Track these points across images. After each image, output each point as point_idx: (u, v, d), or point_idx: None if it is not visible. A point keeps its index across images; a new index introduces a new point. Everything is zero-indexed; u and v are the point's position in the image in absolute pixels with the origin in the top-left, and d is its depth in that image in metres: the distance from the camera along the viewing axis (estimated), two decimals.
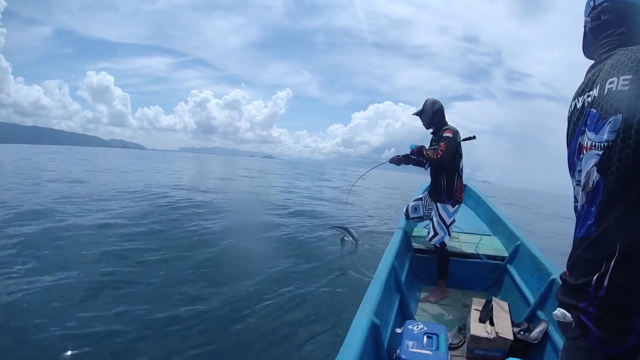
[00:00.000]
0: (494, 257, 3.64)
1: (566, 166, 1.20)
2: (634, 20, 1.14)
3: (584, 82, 1.17)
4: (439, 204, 3.42)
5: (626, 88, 0.97)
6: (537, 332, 2.35)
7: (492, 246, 3.91)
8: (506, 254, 3.62)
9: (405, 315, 2.75)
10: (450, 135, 3.24)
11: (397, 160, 3.59)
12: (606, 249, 0.98)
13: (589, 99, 1.10)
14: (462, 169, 3.41)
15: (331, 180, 28.94)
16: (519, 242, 3.51)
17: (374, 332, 1.94)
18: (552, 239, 10.05)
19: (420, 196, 3.85)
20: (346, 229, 6.71)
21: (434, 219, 3.40)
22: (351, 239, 6.51)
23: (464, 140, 3.45)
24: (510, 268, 3.39)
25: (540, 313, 2.58)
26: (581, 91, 1.16)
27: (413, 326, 2.21)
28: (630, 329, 0.94)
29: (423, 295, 3.34)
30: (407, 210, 3.90)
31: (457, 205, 3.41)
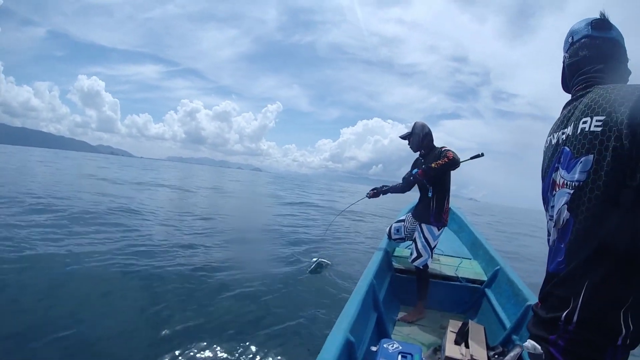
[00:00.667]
0: (473, 281, 3.66)
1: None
2: (612, 57, 1.15)
3: (559, 118, 1.19)
4: (424, 225, 3.40)
5: (599, 130, 0.97)
6: (511, 356, 2.32)
7: (471, 269, 3.93)
8: (485, 278, 3.64)
9: (381, 333, 2.73)
10: (451, 150, 3.31)
11: (375, 194, 3.76)
12: (574, 287, 1.00)
13: (563, 136, 1.12)
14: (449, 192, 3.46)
15: (317, 195, 28.86)
16: (498, 267, 3.54)
17: (349, 349, 1.92)
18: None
19: (403, 217, 3.85)
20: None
21: (418, 241, 3.38)
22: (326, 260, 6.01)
23: (472, 158, 3.52)
24: (489, 292, 3.41)
25: (515, 337, 2.59)
26: (557, 127, 1.18)
27: (388, 345, 2.19)
28: None
29: (400, 315, 3.33)
30: (389, 230, 3.90)
31: (442, 229, 3.43)
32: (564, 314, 1.00)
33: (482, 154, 3.56)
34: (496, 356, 2.39)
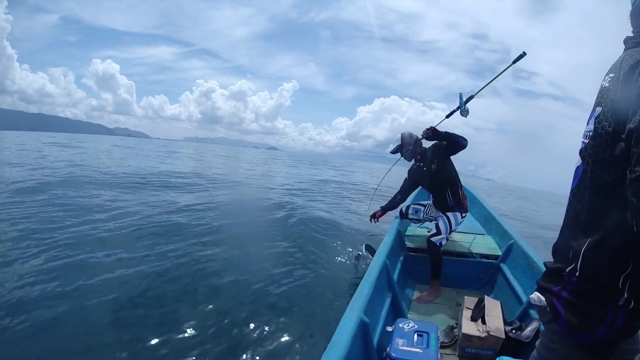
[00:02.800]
0: (487, 256, 3.63)
1: (569, 166, 1.19)
2: None
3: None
4: (449, 213, 3.52)
5: (607, 85, 0.99)
6: (529, 330, 2.33)
7: (485, 245, 3.89)
8: (499, 253, 3.61)
9: (397, 313, 2.73)
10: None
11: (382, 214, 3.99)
12: (577, 240, 0.99)
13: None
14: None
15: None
16: (512, 241, 3.50)
17: (363, 330, 1.92)
18: None
19: (425, 203, 3.91)
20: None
21: (441, 221, 3.46)
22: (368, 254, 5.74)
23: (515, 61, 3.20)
24: (504, 267, 3.38)
25: (532, 312, 2.56)
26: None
27: (404, 324, 2.18)
28: (600, 320, 0.94)
29: (416, 294, 3.32)
30: (405, 210, 3.94)
31: (465, 214, 3.58)
32: (569, 267, 1.00)
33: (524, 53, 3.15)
34: (513, 331, 2.38)
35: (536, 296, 1.10)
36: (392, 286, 2.82)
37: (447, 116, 3.41)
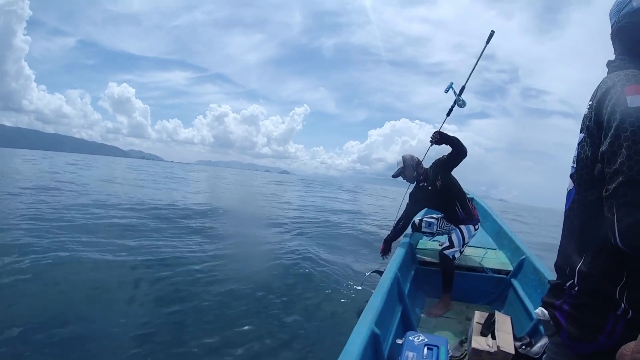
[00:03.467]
0: (498, 271, 3.63)
1: None
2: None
3: None
4: (462, 226, 3.53)
5: (586, 112, 1.08)
6: (538, 346, 2.33)
7: (497, 260, 3.89)
8: (511, 268, 3.61)
9: (407, 326, 2.75)
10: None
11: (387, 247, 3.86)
12: (573, 258, 1.07)
13: None
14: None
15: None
16: (524, 257, 3.50)
17: (374, 341, 1.96)
18: None
19: (437, 216, 3.92)
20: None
21: (454, 234, 3.49)
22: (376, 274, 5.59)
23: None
24: (515, 282, 3.38)
25: (542, 328, 2.57)
26: None
27: (414, 337, 2.21)
28: (600, 329, 0.98)
29: (426, 307, 3.34)
30: (418, 223, 3.96)
31: (478, 226, 3.62)
32: (568, 282, 1.07)
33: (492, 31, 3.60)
34: (523, 347, 2.38)
35: (540, 311, 1.16)
36: (403, 299, 2.85)
37: (448, 114, 3.49)
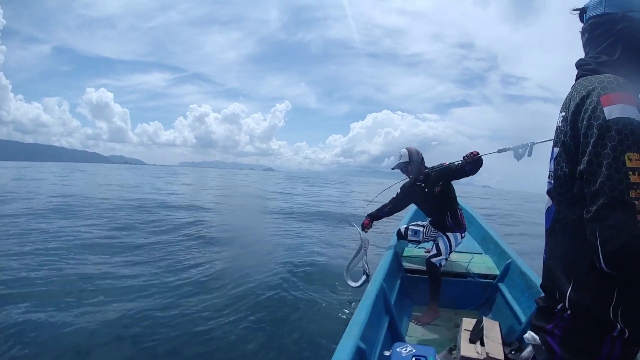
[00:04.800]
0: (485, 276, 3.61)
1: None
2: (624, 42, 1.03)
3: None
4: (449, 233, 3.47)
5: (560, 124, 1.02)
6: (528, 351, 2.28)
7: (483, 264, 3.88)
8: (497, 272, 3.59)
9: (395, 337, 2.69)
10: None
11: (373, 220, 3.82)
12: (561, 279, 1.00)
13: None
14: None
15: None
16: (510, 260, 3.49)
17: (360, 357, 1.90)
18: None
19: (423, 223, 3.85)
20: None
21: (441, 242, 3.42)
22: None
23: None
24: (502, 286, 3.36)
25: (531, 332, 2.54)
26: None
27: (401, 349, 2.15)
28: (597, 353, 0.93)
29: (414, 315, 3.29)
30: (403, 231, 3.89)
31: (464, 234, 3.58)
32: (559, 305, 1.00)
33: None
34: (513, 352, 2.33)
35: (530, 335, 1.11)
36: (390, 309, 2.80)
37: (500, 151, 3.17)
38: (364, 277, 3.66)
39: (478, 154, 3.09)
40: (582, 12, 1.14)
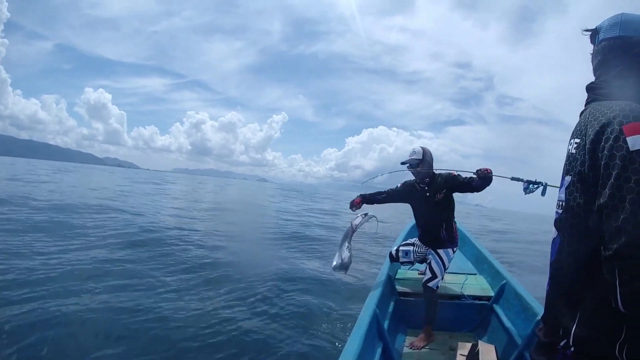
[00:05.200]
0: (479, 297, 3.55)
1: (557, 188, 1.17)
2: (621, 61, 1.01)
3: None
4: (439, 249, 3.32)
5: (574, 152, 0.97)
6: None
7: (477, 286, 3.82)
8: (492, 294, 3.54)
9: None
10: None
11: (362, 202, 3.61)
12: (565, 315, 0.96)
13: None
14: None
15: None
16: (505, 281, 3.45)
17: None
18: None
19: (412, 241, 3.69)
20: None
21: (433, 262, 3.27)
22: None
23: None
24: (497, 308, 3.31)
25: (527, 354, 2.48)
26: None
27: None
28: None
29: (408, 340, 3.21)
30: (394, 253, 3.73)
31: (456, 248, 3.42)
32: (562, 342, 0.95)
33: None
34: None
35: None
36: (383, 335, 2.73)
37: (513, 179, 3.10)
38: (339, 261, 3.42)
39: (491, 172, 3.02)
40: (594, 33, 1.09)
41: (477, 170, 3.05)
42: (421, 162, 3.31)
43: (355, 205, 3.59)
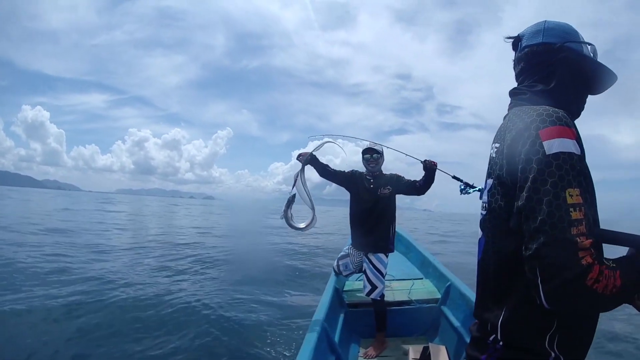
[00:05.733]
0: (427, 301, 3.62)
1: None
2: (548, 67, 1.04)
3: None
4: (371, 255, 3.25)
5: (494, 156, 1.00)
6: None
7: (424, 289, 3.90)
8: (439, 296, 3.62)
9: None
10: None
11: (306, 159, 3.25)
12: (492, 310, 0.98)
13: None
14: None
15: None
16: (450, 283, 3.54)
17: None
18: None
19: (346, 251, 3.61)
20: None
21: (369, 272, 3.21)
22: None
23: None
24: (445, 309, 3.38)
25: None
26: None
27: None
28: None
29: (362, 350, 3.17)
30: (337, 268, 3.64)
31: (389, 254, 3.33)
32: (490, 337, 0.97)
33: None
34: None
35: None
36: (334, 348, 2.67)
37: (454, 177, 3.24)
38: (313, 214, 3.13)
39: (436, 165, 3.11)
40: (517, 40, 1.13)
41: (425, 160, 3.12)
42: (381, 156, 3.33)
43: (302, 156, 3.26)
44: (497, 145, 0.99)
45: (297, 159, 3.28)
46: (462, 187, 3.15)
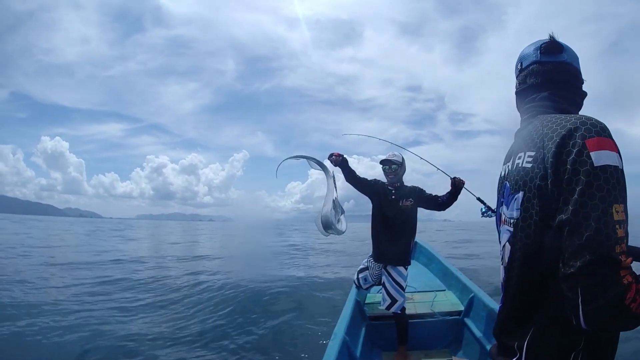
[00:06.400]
0: (450, 313, 3.54)
1: None
2: (562, 81, 1.06)
3: (510, 148, 1.12)
4: (390, 268, 3.22)
5: (529, 166, 0.93)
6: None
7: (447, 301, 3.82)
8: (462, 308, 3.54)
9: None
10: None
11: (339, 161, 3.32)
12: (517, 333, 0.95)
13: (506, 170, 1.07)
14: None
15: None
16: (473, 294, 3.46)
17: None
18: None
19: (365, 264, 3.56)
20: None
21: (388, 285, 3.17)
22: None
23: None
24: (468, 321, 3.31)
25: None
26: (505, 159, 1.12)
27: None
28: None
29: None
30: (357, 281, 3.60)
31: (408, 267, 3.29)
32: (514, 358, 0.94)
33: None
34: None
35: None
36: None
37: (479, 199, 3.22)
38: (342, 217, 3.09)
39: (464, 183, 3.17)
40: (550, 51, 1.12)
41: (454, 177, 3.16)
42: (399, 167, 3.30)
43: (335, 156, 3.30)
44: (531, 153, 0.93)
45: (328, 158, 3.31)
46: (484, 210, 3.10)
